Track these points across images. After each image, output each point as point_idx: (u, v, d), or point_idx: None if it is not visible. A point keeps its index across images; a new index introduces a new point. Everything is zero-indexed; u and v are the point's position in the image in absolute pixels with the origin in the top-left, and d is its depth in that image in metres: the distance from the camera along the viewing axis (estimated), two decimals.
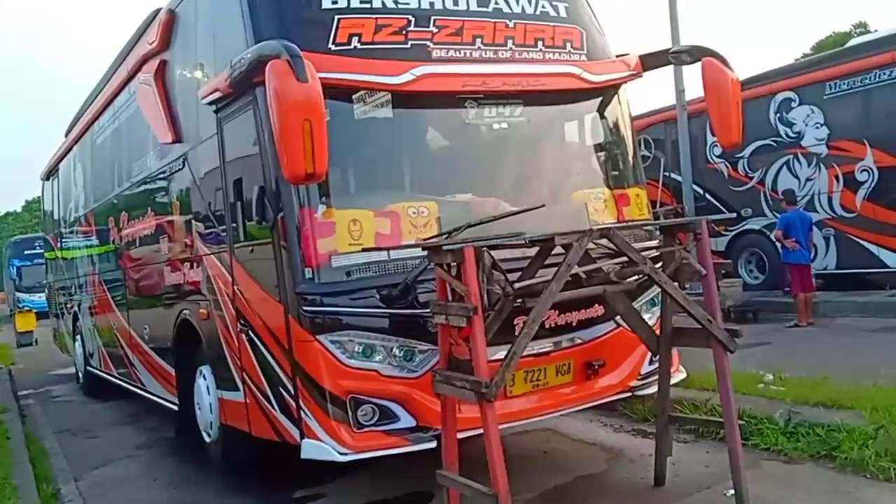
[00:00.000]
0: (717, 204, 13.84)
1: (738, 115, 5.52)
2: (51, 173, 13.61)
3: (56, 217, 13.43)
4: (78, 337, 12.06)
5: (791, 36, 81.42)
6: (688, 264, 4.60)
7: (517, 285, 4.13)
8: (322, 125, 4.20)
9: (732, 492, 4.67)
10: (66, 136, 12.27)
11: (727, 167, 13.86)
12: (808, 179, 12.58)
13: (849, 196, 12.02)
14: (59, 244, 13.37)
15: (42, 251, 18.63)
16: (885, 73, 11.48)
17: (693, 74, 6.68)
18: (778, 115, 12.95)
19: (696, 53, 5.78)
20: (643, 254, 4.53)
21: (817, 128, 12.46)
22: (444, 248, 4.17)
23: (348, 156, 5.20)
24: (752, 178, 13.50)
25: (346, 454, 4.70)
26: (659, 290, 4.93)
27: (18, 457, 7.23)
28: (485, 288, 3.97)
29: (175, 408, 7.41)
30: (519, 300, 4.18)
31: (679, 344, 5.11)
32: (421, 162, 5.68)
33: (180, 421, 7.40)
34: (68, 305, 12.74)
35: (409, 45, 5.17)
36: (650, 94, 10.70)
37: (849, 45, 13.82)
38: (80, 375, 12.14)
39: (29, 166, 35.29)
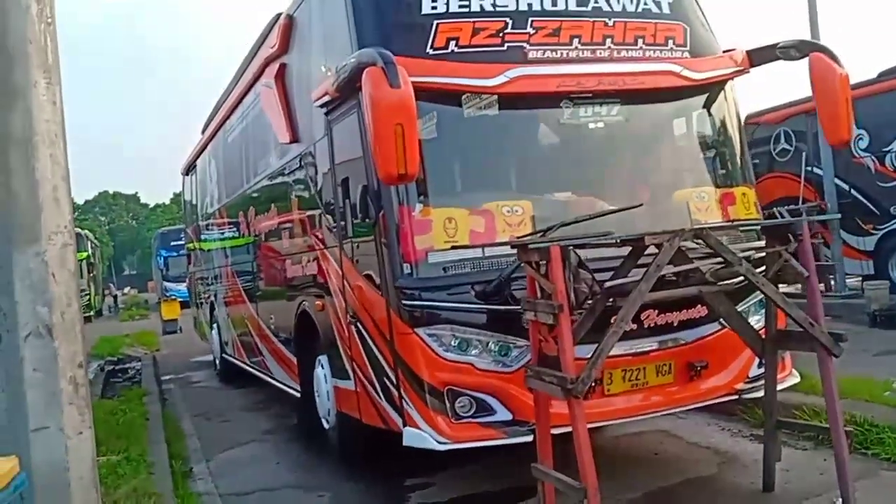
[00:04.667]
0: (864, 200, 12.66)
1: (848, 111, 5.28)
2: (189, 168, 14.42)
3: (195, 211, 14.26)
4: (214, 325, 12.78)
5: None
6: (790, 266, 4.43)
7: (606, 284, 4.13)
8: (413, 129, 4.35)
9: (841, 500, 4.47)
10: (203, 133, 12.97)
11: (874, 161, 12.62)
12: None
13: None
14: (197, 236, 14.20)
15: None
16: None
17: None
18: None
19: (804, 48, 5.55)
20: (746, 254, 4.40)
21: None
22: (531, 246, 4.22)
23: (445, 156, 5.32)
24: None
25: (444, 443, 4.84)
26: None
27: (155, 436, 7.80)
28: (571, 286, 3.98)
29: (298, 395, 7.75)
30: (612, 300, 4.17)
31: (785, 347, 4.95)
32: (516, 162, 5.72)
33: (302, 408, 7.70)
34: (206, 295, 13.52)
35: (505, 48, 5.23)
36: (794, 84, 10.09)
37: None
38: (217, 362, 12.84)
39: (178, 160, 37.35)
